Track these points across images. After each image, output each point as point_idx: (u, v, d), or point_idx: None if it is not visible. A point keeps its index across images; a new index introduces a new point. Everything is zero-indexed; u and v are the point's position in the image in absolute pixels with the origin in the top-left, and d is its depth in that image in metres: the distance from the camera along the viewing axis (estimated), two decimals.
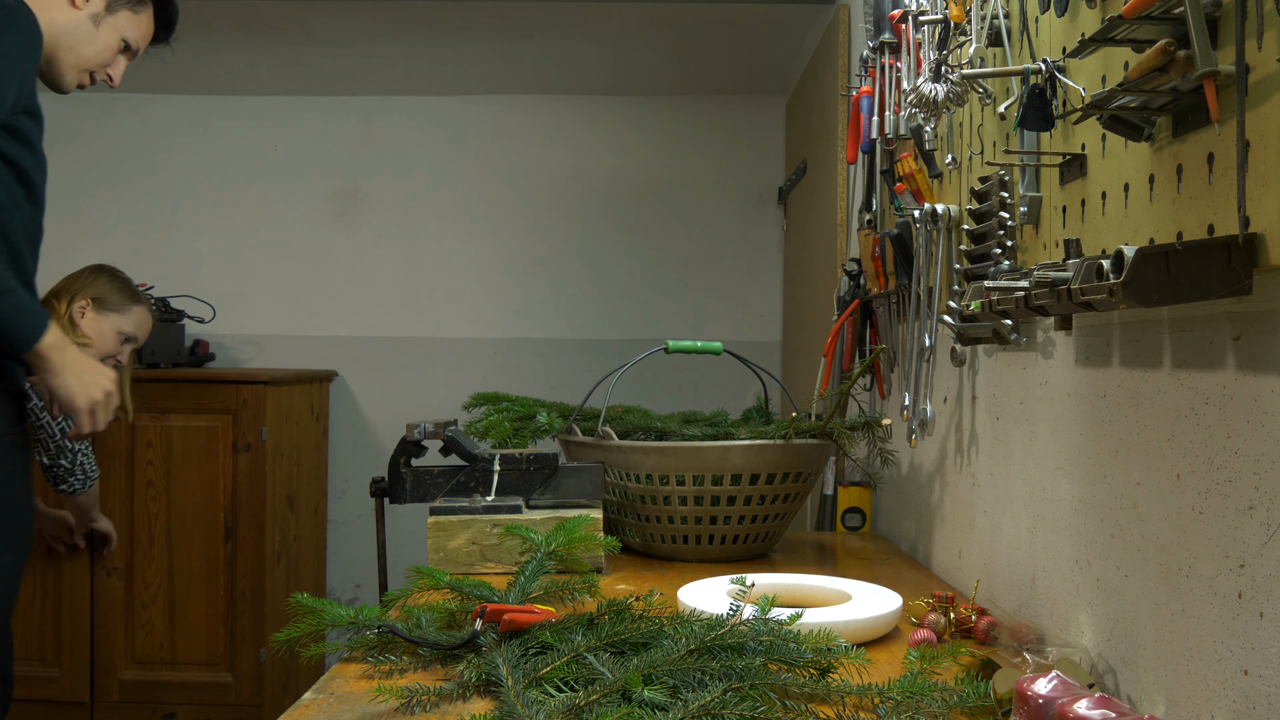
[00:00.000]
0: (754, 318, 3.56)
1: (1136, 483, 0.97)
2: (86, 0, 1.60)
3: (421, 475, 1.60)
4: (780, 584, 1.31)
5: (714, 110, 3.57)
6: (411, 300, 3.59)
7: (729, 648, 0.95)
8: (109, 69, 1.68)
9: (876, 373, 1.92)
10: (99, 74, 1.67)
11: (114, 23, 1.64)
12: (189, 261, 3.57)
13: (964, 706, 0.89)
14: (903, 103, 1.60)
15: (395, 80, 3.44)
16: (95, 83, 1.68)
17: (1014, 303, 1.00)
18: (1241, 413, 0.80)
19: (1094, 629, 1.06)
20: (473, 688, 0.98)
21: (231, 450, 2.89)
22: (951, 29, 1.31)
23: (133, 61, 1.73)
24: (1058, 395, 1.16)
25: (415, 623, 1.13)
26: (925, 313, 1.49)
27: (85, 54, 1.63)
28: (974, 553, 1.45)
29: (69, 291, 2.32)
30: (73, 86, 1.66)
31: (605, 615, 1.08)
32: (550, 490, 1.59)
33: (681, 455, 1.59)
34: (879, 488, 2.01)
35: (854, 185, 2.32)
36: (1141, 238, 0.91)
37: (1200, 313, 0.86)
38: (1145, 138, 0.89)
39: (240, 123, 3.59)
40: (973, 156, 1.37)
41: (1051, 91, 1.06)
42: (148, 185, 3.58)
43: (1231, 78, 0.75)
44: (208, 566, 2.88)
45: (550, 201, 3.58)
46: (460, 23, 2.92)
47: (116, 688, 2.87)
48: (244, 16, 2.86)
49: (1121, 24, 0.82)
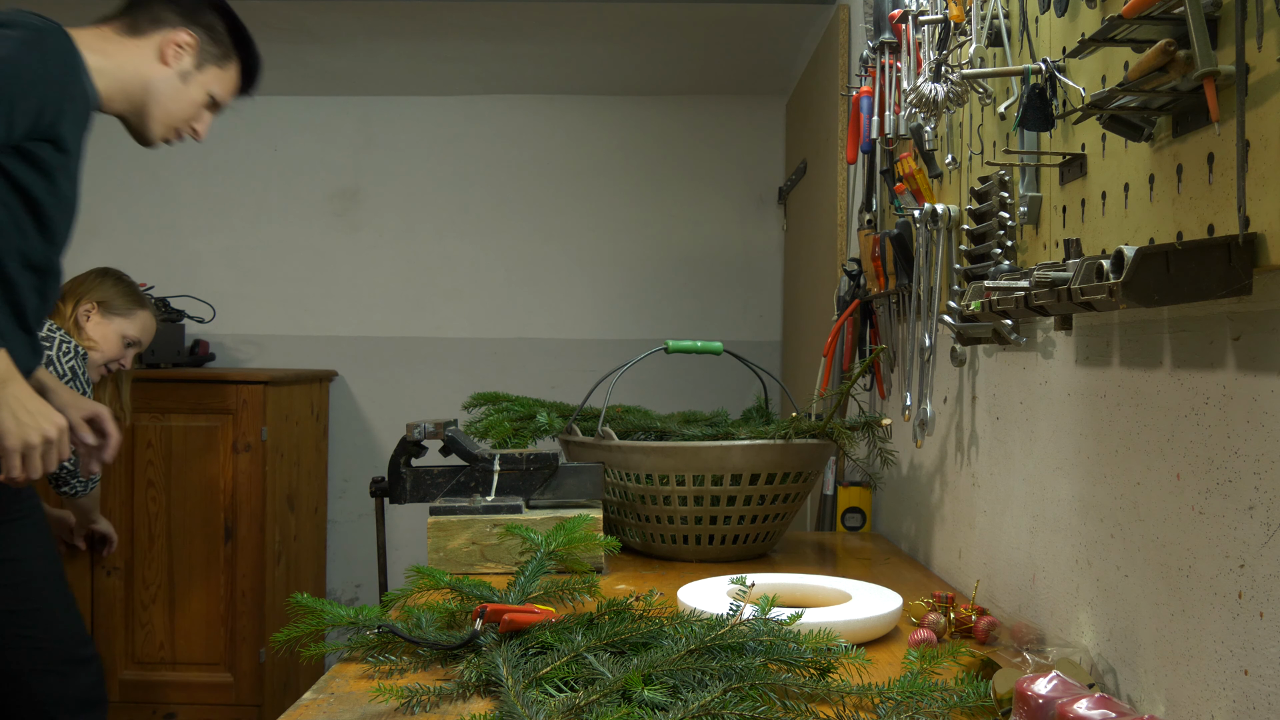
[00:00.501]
0: (754, 318, 3.56)
1: (1136, 483, 0.97)
2: (176, 57, 1.63)
3: (421, 475, 1.60)
4: (780, 584, 1.31)
5: (714, 110, 3.57)
6: (411, 300, 3.59)
7: (729, 648, 0.95)
8: (194, 124, 1.71)
9: (876, 373, 1.92)
10: (184, 129, 1.70)
11: (202, 79, 1.67)
12: (189, 261, 3.57)
13: (964, 706, 0.89)
14: (903, 103, 1.60)
15: (395, 80, 3.44)
16: (181, 138, 1.71)
17: (1014, 303, 1.00)
18: (1241, 413, 0.80)
19: (1094, 629, 1.06)
20: (473, 688, 0.98)
21: (231, 450, 2.89)
22: (951, 29, 1.31)
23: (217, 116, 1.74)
24: (1058, 395, 1.16)
25: (415, 623, 1.13)
26: (925, 313, 1.49)
27: (173, 110, 1.65)
28: (974, 553, 1.46)
29: (75, 294, 2.33)
30: (159, 141, 1.68)
31: (605, 615, 1.08)
32: (550, 490, 1.59)
33: (681, 455, 1.59)
34: (879, 488, 2.01)
35: (854, 185, 2.32)
36: (1141, 238, 0.91)
37: (1200, 313, 0.86)
38: (1145, 138, 0.89)
39: (240, 123, 3.59)
40: (973, 156, 1.37)
41: (1051, 91, 1.06)
42: (148, 185, 3.58)
43: (1231, 78, 0.75)
44: (208, 566, 2.88)
45: (550, 201, 3.58)
46: (460, 23, 2.92)
47: (116, 688, 2.87)
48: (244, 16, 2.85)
49: (1121, 24, 0.82)
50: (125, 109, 1.63)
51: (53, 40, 1.45)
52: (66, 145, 1.49)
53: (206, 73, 1.67)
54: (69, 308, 2.31)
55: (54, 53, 1.45)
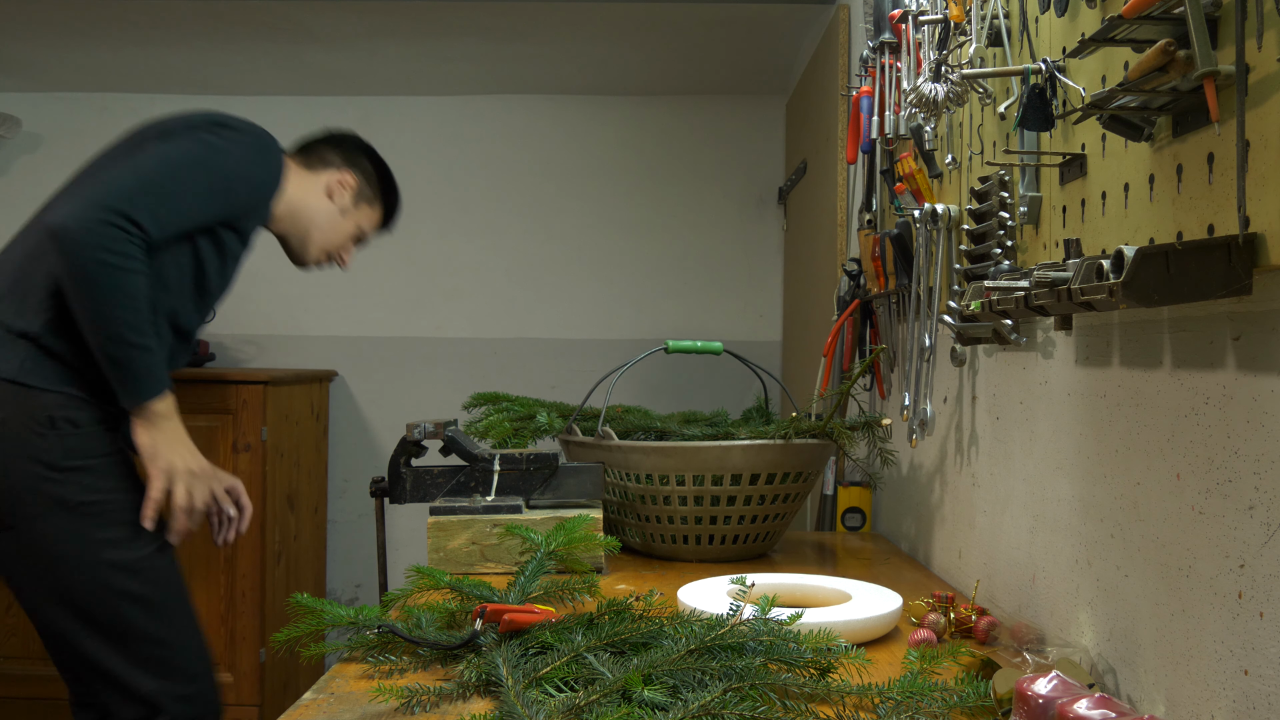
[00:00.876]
0: (754, 318, 3.56)
1: (1136, 483, 0.97)
2: (339, 194, 1.86)
3: (421, 475, 1.60)
4: (780, 584, 1.31)
5: (714, 110, 3.57)
6: (411, 300, 3.59)
7: (729, 648, 0.95)
8: (343, 252, 1.93)
9: (876, 373, 1.92)
10: (335, 256, 1.92)
11: (356, 215, 1.90)
12: None
13: (964, 706, 0.89)
14: (903, 103, 1.60)
15: (395, 80, 3.44)
16: (329, 262, 1.92)
17: (1014, 303, 1.00)
18: (1241, 413, 0.80)
19: (1094, 629, 1.06)
20: (473, 688, 0.98)
21: (231, 450, 2.89)
22: (951, 29, 1.31)
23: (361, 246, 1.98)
24: (1058, 395, 1.16)
25: (415, 623, 1.13)
26: (925, 313, 1.49)
27: (330, 239, 1.88)
28: (974, 553, 1.46)
29: None
30: (313, 264, 1.91)
31: (605, 615, 1.08)
32: (550, 490, 1.59)
33: (681, 455, 1.59)
34: (879, 488, 2.01)
35: (854, 185, 2.32)
36: (1141, 238, 0.91)
37: (1200, 313, 0.86)
38: (1145, 138, 0.89)
39: None
40: (973, 156, 1.37)
41: (1051, 91, 1.06)
42: None
43: (1231, 78, 0.75)
44: (208, 566, 2.88)
45: (550, 201, 3.58)
46: (460, 23, 2.92)
47: None
48: (244, 16, 2.86)
49: (1121, 24, 0.82)
50: (289, 230, 1.84)
51: (273, 155, 1.71)
52: (248, 240, 1.72)
53: (360, 210, 1.90)
54: None
55: (272, 165, 1.70)
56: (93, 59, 3.23)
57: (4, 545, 1.53)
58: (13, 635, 2.89)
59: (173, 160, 1.56)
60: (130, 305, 1.48)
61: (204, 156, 1.58)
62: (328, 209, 1.85)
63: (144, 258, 1.50)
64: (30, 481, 1.50)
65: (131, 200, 1.48)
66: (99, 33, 2.99)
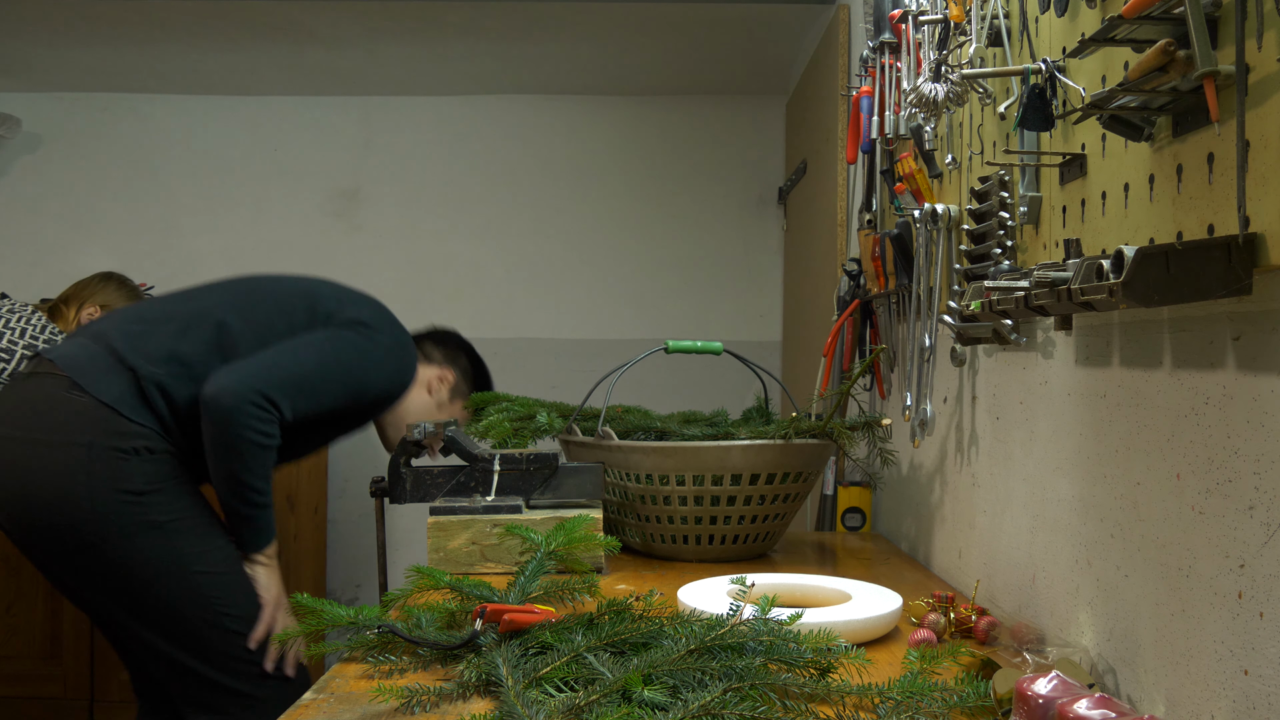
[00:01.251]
0: (754, 318, 3.56)
1: (1136, 483, 0.97)
2: (438, 390, 2.04)
3: (421, 475, 1.60)
4: (780, 584, 1.31)
5: (714, 110, 3.57)
6: (411, 300, 3.58)
7: (729, 648, 0.95)
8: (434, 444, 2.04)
9: (876, 373, 1.92)
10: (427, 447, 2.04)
11: (450, 409, 2.07)
12: (189, 261, 3.56)
13: (964, 706, 0.89)
14: (903, 103, 1.60)
15: (395, 80, 3.44)
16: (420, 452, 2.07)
17: (1014, 303, 1.00)
18: (1241, 413, 0.80)
19: (1094, 629, 1.06)
20: (473, 688, 0.98)
21: None
22: (951, 29, 1.31)
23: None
24: (1058, 395, 1.16)
25: (415, 623, 1.13)
26: (925, 313, 1.49)
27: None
28: (974, 553, 1.45)
29: (78, 298, 2.36)
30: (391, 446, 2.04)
31: (605, 615, 1.08)
32: (550, 490, 1.59)
33: (681, 455, 1.59)
34: (879, 488, 2.01)
35: (854, 185, 2.32)
36: (1141, 238, 0.91)
37: (1200, 313, 0.86)
38: (1145, 138, 0.89)
39: (240, 123, 3.59)
40: (973, 156, 1.37)
41: (1051, 91, 1.06)
42: (147, 185, 3.58)
43: (1231, 78, 0.75)
44: None
45: (550, 201, 3.58)
46: (461, 23, 2.91)
47: (116, 687, 2.87)
48: (244, 16, 2.86)
49: (1121, 24, 0.82)
50: (390, 420, 2.01)
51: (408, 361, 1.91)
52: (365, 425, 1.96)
53: (454, 404, 2.08)
54: (72, 311, 2.33)
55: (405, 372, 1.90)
56: (93, 59, 3.23)
57: (88, 564, 1.64)
58: (13, 635, 2.89)
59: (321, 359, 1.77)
60: (261, 473, 1.68)
61: (347, 361, 1.80)
62: (426, 402, 2.03)
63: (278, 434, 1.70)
64: (117, 506, 1.63)
65: (282, 390, 1.68)
66: (99, 33, 2.99)
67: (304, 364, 1.74)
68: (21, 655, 2.89)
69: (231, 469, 1.66)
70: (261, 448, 1.66)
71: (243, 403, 1.64)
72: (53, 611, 2.88)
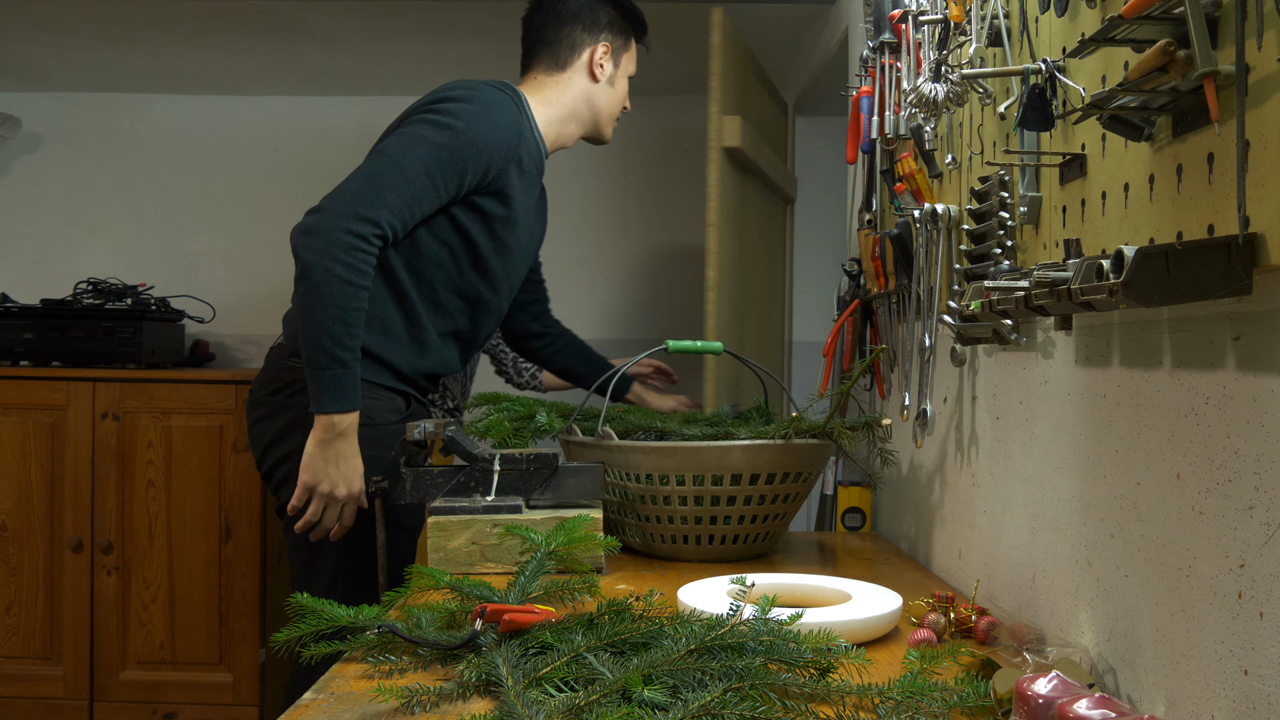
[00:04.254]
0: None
1: (1136, 483, 0.97)
2: (602, 69, 1.87)
3: (421, 475, 1.60)
4: (780, 584, 1.31)
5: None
6: None
7: (729, 648, 0.95)
8: (625, 103, 1.95)
9: (876, 373, 1.92)
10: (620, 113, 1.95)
11: (622, 72, 1.91)
12: (189, 261, 3.57)
13: (964, 706, 0.89)
14: (903, 103, 1.60)
15: (395, 80, 3.44)
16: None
17: (1014, 303, 1.00)
18: (1241, 413, 0.80)
19: (1094, 629, 1.06)
20: (473, 688, 0.98)
21: (231, 450, 2.89)
22: (951, 29, 1.31)
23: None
24: (1058, 395, 1.16)
25: (415, 623, 1.13)
26: (925, 313, 1.49)
27: (613, 109, 1.91)
28: (974, 553, 1.45)
29: None
30: (611, 134, 1.95)
31: (605, 615, 1.08)
32: (550, 490, 1.59)
33: (681, 455, 1.59)
34: (879, 488, 2.01)
35: (854, 185, 2.32)
36: (1141, 238, 0.91)
37: (1200, 313, 0.86)
38: (1145, 138, 0.89)
39: (240, 123, 3.58)
40: (973, 156, 1.37)
41: (1051, 91, 1.06)
42: (148, 185, 3.58)
43: (1231, 78, 0.75)
44: (207, 566, 2.88)
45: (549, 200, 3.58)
46: (460, 23, 2.91)
47: (116, 687, 2.87)
48: (244, 16, 2.86)
49: (1121, 24, 0.82)
50: (581, 132, 1.90)
51: (501, 112, 1.71)
52: (511, 198, 1.75)
53: (622, 64, 1.90)
54: None
55: (503, 123, 1.70)
56: (93, 59, 3.23)
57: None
58: (13, 635, 2.89)
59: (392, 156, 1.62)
60: (340, 319, 1.56)
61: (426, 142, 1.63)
62: (600, 90, 1.87)
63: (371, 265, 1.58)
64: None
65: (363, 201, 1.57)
66: (99, 33, 2.98)
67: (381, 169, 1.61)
68: (20, 656, 2.89)
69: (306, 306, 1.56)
70: (348, 284, 1.55)
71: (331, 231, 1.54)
72: (53, 612, 2.88)
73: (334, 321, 1.56)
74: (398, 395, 1.78)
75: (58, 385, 2.90)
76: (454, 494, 1.59)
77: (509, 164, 1.72)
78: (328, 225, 1.56)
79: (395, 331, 1.73)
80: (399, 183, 1.60)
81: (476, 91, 1.70)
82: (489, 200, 1.72)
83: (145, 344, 3.00)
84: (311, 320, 1.56)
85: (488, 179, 1.70)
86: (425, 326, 1.76)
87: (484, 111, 1.68)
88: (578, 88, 1.85)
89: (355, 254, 1.56)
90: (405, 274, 1.71)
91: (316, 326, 1.56)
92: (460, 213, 1.71)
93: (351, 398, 1.59)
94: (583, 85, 1.85)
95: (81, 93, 3.56)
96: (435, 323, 1.77)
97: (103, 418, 2.89)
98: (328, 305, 1.55)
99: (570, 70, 1.85)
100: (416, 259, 1.71)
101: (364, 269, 1.58)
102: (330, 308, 1.55)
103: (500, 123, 1.70)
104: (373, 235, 1.58)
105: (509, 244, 1.79)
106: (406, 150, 1.62)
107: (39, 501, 2.89)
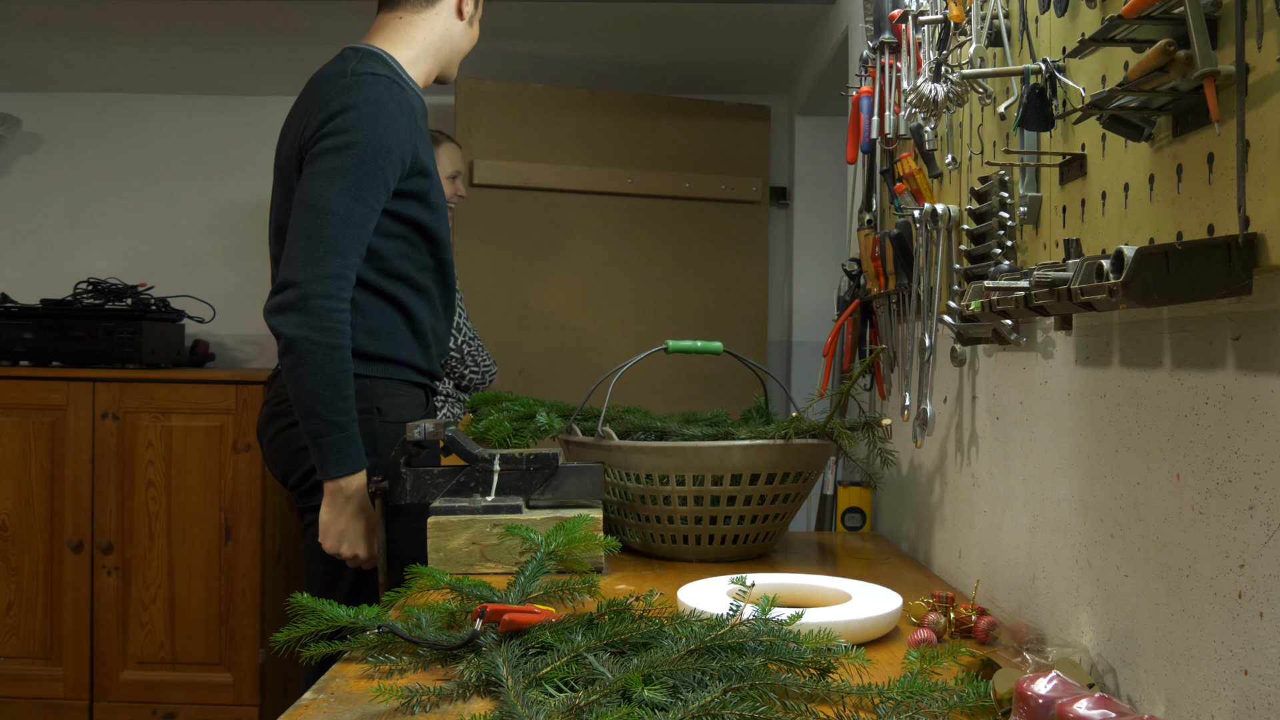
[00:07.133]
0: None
1: (1136, 483, 0.97)
2: (470, 5, 1.84)
3: (421, 475, 1.60)
4: (780, 584, 1.31)
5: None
6: None
7: (729, 648, 0.95)
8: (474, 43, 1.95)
9: (876, 373, 1.92)
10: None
11: (479, 11, 1.89)
12: (189, 261, 3.56)
13: (964, 706, 0.89)
14: (903, 103, 1.60)
15: None
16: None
17: (1014, 303, 1.00)
18: (1241, 413, 0.80)
19: (1094, 629, 1.06)
20: (473, 688, 0.98)
21: (231, 450, 2.89)
22: (951, 29, 1.31)
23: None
24: (1058, 395, 1.16)
25: (415, 623, 1.13)
26: (925, 313, 1.49)
27: (467, 48, 1.90)
28: (974, 553, 1.45)
29: None
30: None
31: (605, 615, 1.08)
32: (550, 490, 1.59)
33: (681, 455, 1.59)
34: (879, 488, 2.01)
35: (854, 185, 2.32)
36: (1141, 238, 0.91)
37: (1200, 313, 0.86)
38: (1145, 138, 0.89)
39: (240, 123, 3.58)
40: (973, 156, 1.37)
41: (1051, 91, 1.06)
42: (148, 185, 3.58)
43: (1231, 78, 0.75)
44: (207, 566, 2.88)
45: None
46: None
47: (116, 687, 2.87)
48: (244, 16, 2.86)
49: (1121, 24, 0.82)
50: (438, 71, 1.86)
51: (387, 99, 1.67)
52: (426, 167, 1.75)
53: (480, 4, 1.89)
54: None
55: (394, 110, 1.67)
56: (93, 59, 3.23)
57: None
58: (13, 635, 2.89)
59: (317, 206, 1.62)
60: (330, 384, 1.59)
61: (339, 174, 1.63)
62: (461, 29, 1.85)
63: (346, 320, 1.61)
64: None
65: (315, 261, 1.59)
66: (99, 33, 2.98)
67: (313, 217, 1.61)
68: (20, 656, 2.89)
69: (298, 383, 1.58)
70: (329, 349, 1.58)
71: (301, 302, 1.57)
72: (53, 612, 2.88)
73: (325, 389, 1.59)
74: (419, 389, 1.82)
75: (58, 385, 2.90)
76: (454, 494, 1.59)
77: (415, 142, 1.71)
78: (295, 298, 1.58)
79: (399, 333, 1.77)
80: (337, 227, 1.61)
81: (352, 93, 1.66)
82: (414, 180, 1.73)
83: (145, 344, 3.00)
84: (303, 391, 1.59)
85: (405, 166, 1.70)
86: (419, 317, 1.80)
87: (372, 111, 1.65)
88: (442, 25, 1.82)
89: (330, 316, 1.59)
90: (384, 280, 1.73)
91: (310, 397, 1.59)
92: (397, 205, 1.72)
93: (356, 457, 1.62)
94: (447, 23, 1.83)
95: (81, 93, 3.56)
96: (423, 310, 1.81)
97: (103, 418, 2.89)
98: (317, 374, 1.58)
99: (438, 6, 1.82)
100: (384, 262, 1.73)
101: (342, 328, 1.61)
102: (319, 375, 1.58)
103: (392, 111, 1.67)
104: (340, 290, 1.61)
105: (438, 202, 1.81)
106: (325, 192, 1.62)
107: (39, 501, 2.89)
